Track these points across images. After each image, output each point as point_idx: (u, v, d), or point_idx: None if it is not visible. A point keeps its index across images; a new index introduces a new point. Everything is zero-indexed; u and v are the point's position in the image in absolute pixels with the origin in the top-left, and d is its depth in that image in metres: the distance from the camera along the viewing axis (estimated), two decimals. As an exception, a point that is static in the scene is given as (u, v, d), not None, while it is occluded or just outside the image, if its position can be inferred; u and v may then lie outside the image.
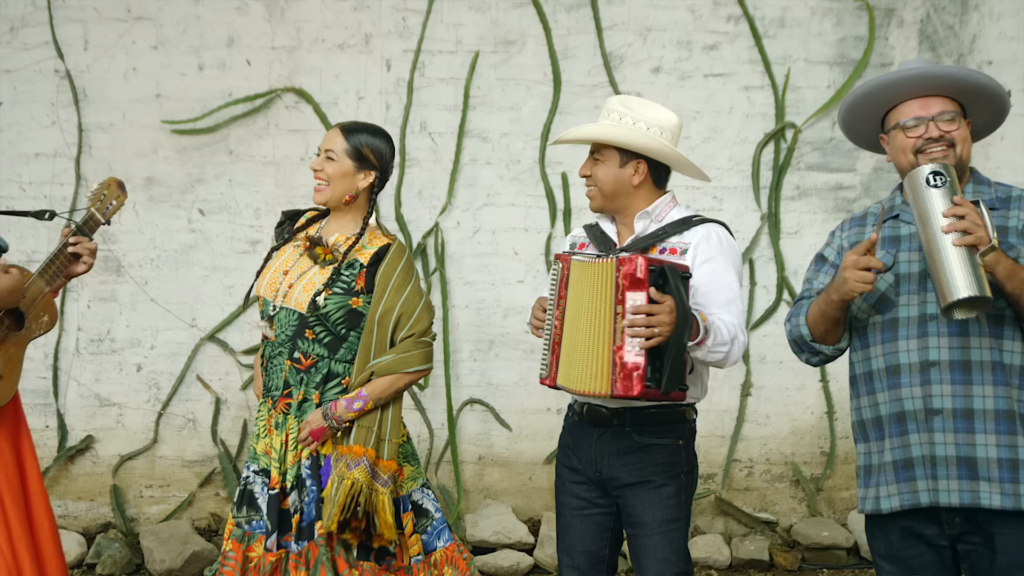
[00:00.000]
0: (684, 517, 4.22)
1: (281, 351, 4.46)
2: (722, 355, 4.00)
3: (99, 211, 4.56)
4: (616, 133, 4.20)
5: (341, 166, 4.47)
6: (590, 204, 4.34)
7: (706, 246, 4.14)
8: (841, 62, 7.36)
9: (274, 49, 7.14)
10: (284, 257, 4.58)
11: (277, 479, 4.41)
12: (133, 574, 6.75)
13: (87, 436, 7.12)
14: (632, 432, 4.16)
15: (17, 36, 7.02)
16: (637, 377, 3.83)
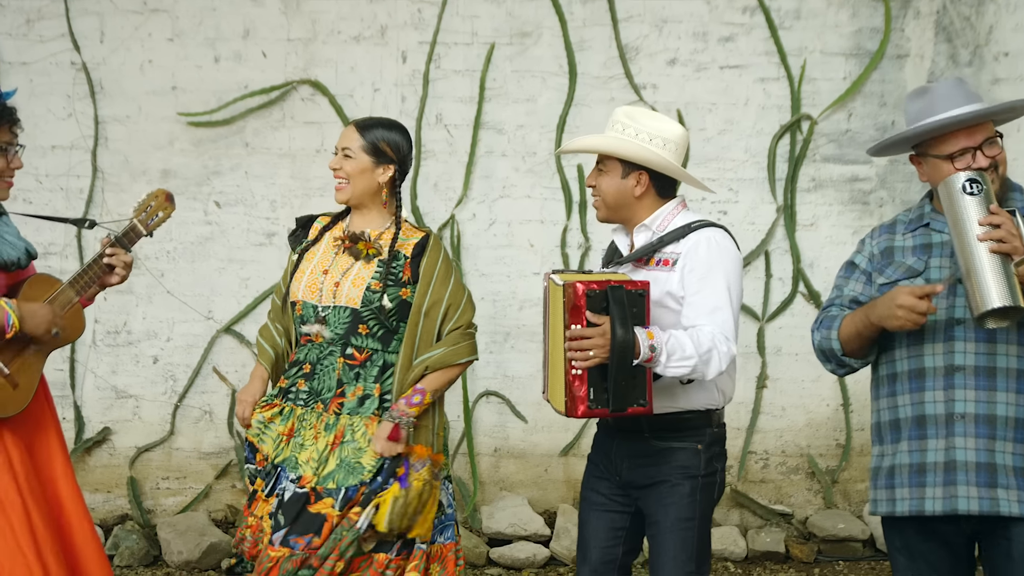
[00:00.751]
0: (699, 517, 4.20)
1: (332, 350, 4.46)
2: (687, 369, 3.94)
3: (142, 223, 4.52)
4: (614, 145, 4.21)
5: (359, 163, 4.49)
6: (596, 215, 4.37)
7: (693, 255, 4.13)
8: (857, 53, 7.35)
9: (290, 41, 7.15)
10: (318, 258, 4.56)
11: (311, 479, 4.37)
12: (151, 566, 6.77)
13: (104, 428, 7.14)
14: (650, 438, 4.18)
15: (33, 28, 7.03)
16: (579, 399, 3.88)
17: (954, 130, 3.79)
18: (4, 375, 4.20)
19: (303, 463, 4.40)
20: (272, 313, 4.75)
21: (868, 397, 7.16)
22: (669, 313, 4.11)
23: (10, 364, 4.22)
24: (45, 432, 4.48)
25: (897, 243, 3.96)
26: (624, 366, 3.85)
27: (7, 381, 4.21)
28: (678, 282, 4.11)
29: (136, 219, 4.52)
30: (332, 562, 4.30)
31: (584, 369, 3.85)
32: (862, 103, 7.39)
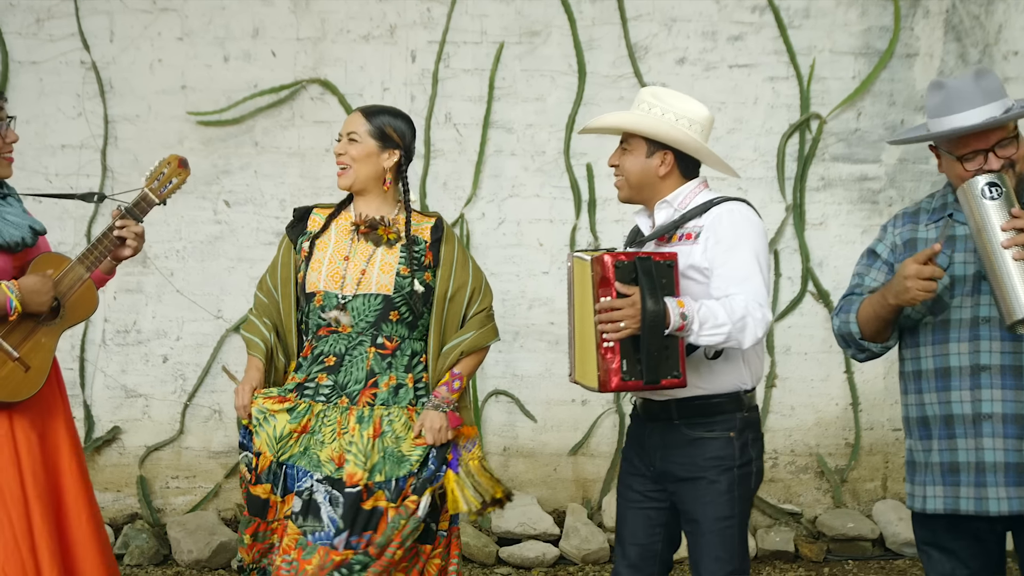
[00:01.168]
0: (738, 514, 4.15)
1: (362, 340, 4.43)
2: (722, 337, 3.90)
3: (154, 191, 4.47)
4: (642, 122, 4.19)
5: (365, 147, 4.47)
6: (618, 194, 4.33)
7: (717, 226, 4.08)
8: (866, 52, 7.35)
9: (299, 40, 7.15)
10: (332, 247, 4.51)
11: (361, 476, 4.32)
12: (160, 564, 6.77)
13: (113, 427, 7.14)
14: (681, 425, 4.13)
15: (43, 28, 7.03)
16: (613, 371, 3.88)
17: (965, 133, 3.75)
18: (14, 359, 4.17)
19: (325, 462, 4.34)
20: (256, 309, 4.64)
21: (877, 397, 7.28)
22: (695, 285, 4.06)
23: (20, 346, 4.18)
24: (54, 420, 4.40)
25: (920, 234, 3.91)
26: (656, 336, 3.83)
27: (18, 364, 4.18)
28: (701, 254, 4.07)
29: (147, 188, 4.47)
30: (393, 550, 4.31)
31: (616, 341, 3.84)
32: (871, 102, 7.39)
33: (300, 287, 4.51)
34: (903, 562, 6.95)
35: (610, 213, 7.28)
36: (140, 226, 4.45)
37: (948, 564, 3.91)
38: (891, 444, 7.48)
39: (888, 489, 7.50)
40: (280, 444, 4.37)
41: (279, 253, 4.62)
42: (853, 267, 7.11)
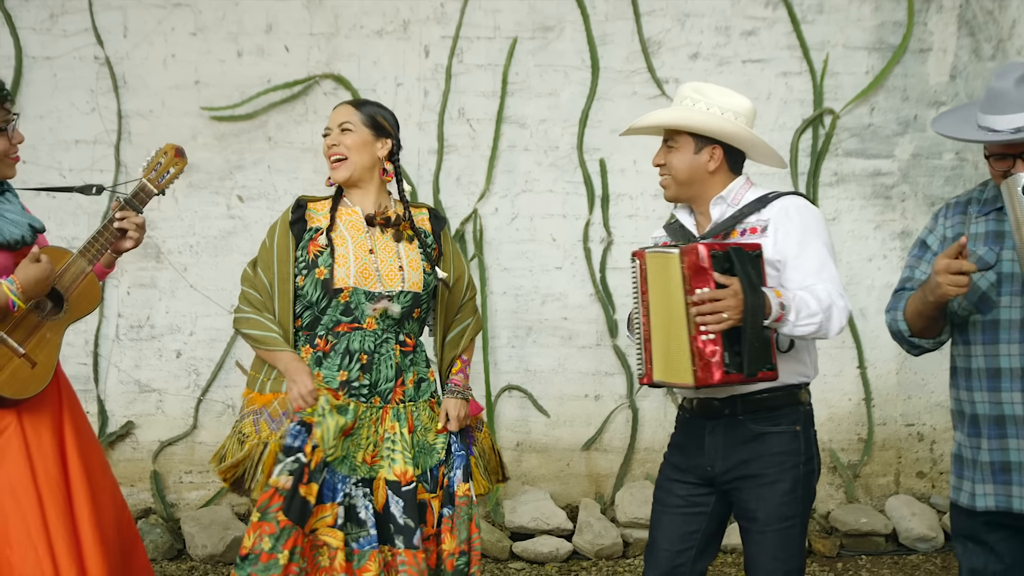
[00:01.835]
0: (800, 514, 4.12)
1: (388, 337, 4.40)
2: (815, 326, 3.87)
3: (152, 182, 4.42)
4: (691, 117, 4.15)
5: (360, 136, 4.45)
6: (665, 193, 4.27)
7: (785, 219, 4.06)
8: (880, 48, 7.34)
9: (312, 35, 7.14)
10: (352, 241, 4.43)
11: (412, 473, 4.34)
12: (175, 559, 6.78)
13: (127, 422, 7.15)
14: (746, 421, 4.08)
15: (57, 23, 7.03)
16: (715, 364, 3.81)
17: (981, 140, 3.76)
18: (20, 355, 4.14)
19: (360, 464, 4.31)
20: (253, 306, 4.45)
21: (890, 392, 7.29)
22: (768, 279, 3.98)
23: (26, 342, 4.15)
24: (60, 413, 4.41)
25: (970, 228, 3.88)
26: (757, 326, 3.79)
27: (25, 360, 4.15)
28: (772, 247, 4.01)
29: (146, 178, 4.42)
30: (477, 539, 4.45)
31: (717, 333, 3.80)
32: (884, 97, 7.38)
33: (319, 283, 4.37)
34: (916, 557, 6.94)
35: (623, 208, 7.29)
36: (141, 217, 4.40)
37: (983, 557, 3.90)
38: (904, 439, 7.48)
39: (901, 484, 7.50)
40: (335, 441, 4.25)
41: (275, 248, 4.47)
42: (864, 263, 7.19)
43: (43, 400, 4.27)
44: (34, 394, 4.20)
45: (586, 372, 7.34)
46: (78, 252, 4.29)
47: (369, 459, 4.31)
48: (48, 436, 4.26)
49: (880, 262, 7.41)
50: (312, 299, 4.39)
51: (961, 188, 7.41)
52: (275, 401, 4.34)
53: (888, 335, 7.21)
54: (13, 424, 4.17)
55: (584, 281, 7.27)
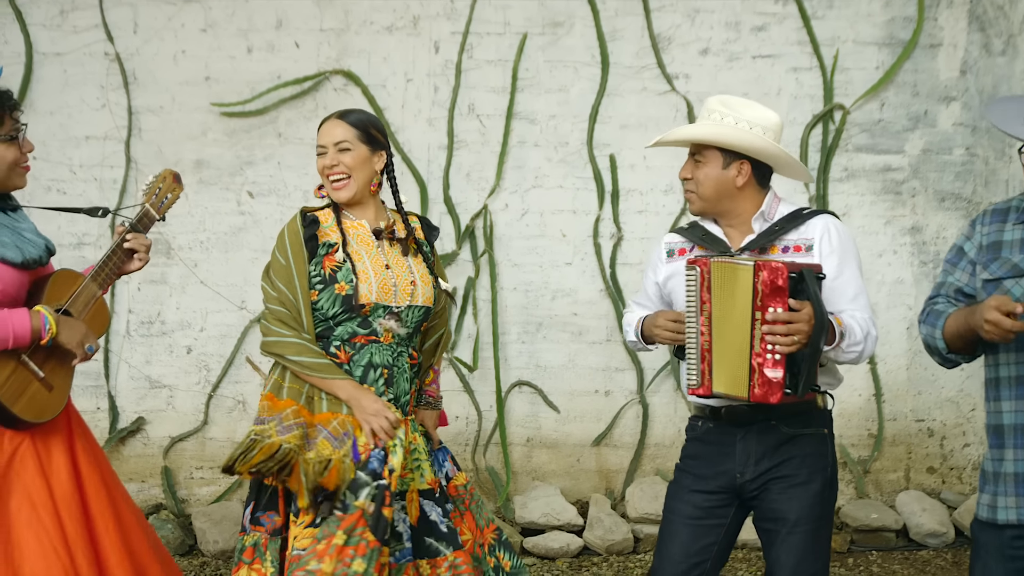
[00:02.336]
0: (828, 515, 4.17)
1: (401, 351, 4.37)
2: (855, 354, 3.99)
3: (153, 206, 4.45)
4: (721, 133, 4.11)
5: (358, 154, 4.36)
6: (690, 207, 4.25)
7: (828, 241, 4.08)
8: (890, 43, 7.33)
9: (322, 31, 7.15)
10: (367, 256, 4.37)
11: (435, 481, 4.40)
12: (186, 555, 6.79)
13: (138, 418, 7.16)
14: (779, 425, 4.09)
15: (67, 19, 7.03)
16: (776, 384, 3.84)
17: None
18: (39, 378, 4.13)
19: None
20: (286, 327, 4.29)
21: (900, 388, 7.30)
22: None
23: (43, 367, 4.14)
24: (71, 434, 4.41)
25: (1006, 236, 3.80)
26: (817, 349, 3.83)
27: (42, 384, 4.15)
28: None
29: (148, 204, 4.44)
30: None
31: (783, 355, 3.82)
32: (895, 92, 7.38)
33: (340, 298, 4.28)
34: (927, 553, 6.94)
35: (633, 204, 7.29)
36: (149, 239, 4.44)
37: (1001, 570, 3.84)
38: (914, 435, 7.48)
39: (911, 480, 7.50)
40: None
41: (293, 263, 4.34)
42: (874, 258, 7.18)
43: (53, 423, 4.26)
44: (51, 418, 4.20)
45: (596, 368, 7.34)
46: (90, 277, 4.29)
47: (400, 472, 4.27)
48: (60, 457, 4.25)
49: (890, 258, 7.41)
50: (329, 313, 4.31)
51: (971, 184, 7.41)
52: (334, 421, 4.23)
53: (898, 331, 7.34)
54: (27, 441, 4.17)
55: (594, 277, 7.27)
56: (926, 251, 7.43)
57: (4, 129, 4.13)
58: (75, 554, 4.13)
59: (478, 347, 7.23)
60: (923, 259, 7.42)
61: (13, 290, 4.13)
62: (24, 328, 4.02)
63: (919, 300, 7.38)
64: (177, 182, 4.55)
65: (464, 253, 7.21)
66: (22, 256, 4.15)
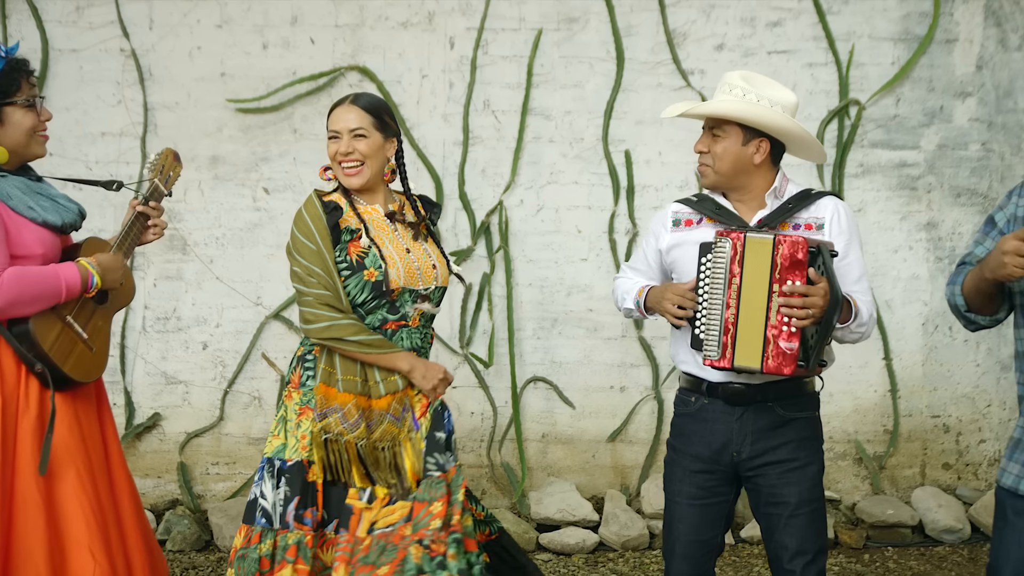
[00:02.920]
0: (822, 495, 4.26)
1: (427, 332, 4.50)
2: (860, 335, 4.09)
3: (161, 182, 4.60)
4: (748, 110, 4.13)
5: (373, 141, 4.40)
6: (703, 180, 4.28)
7: (838, 221, 4.14)
8: (906, 38, 7.32)
9: (338, 27, 7.14)
10: (389, 241, 4.42)
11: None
12: (203, 550, 6.79)
13: (154, 414, 7.17)
14: (776, 406, 4.14)
15: (83, 15, 7.03)
16: (791, 357, 3.88)
17: None
18: (83, 340, 4.26)
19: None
20: (335, 310, 4.30)
21: (916, 383, 7.29)
22: None
23: (85, 328, 4.28)
24: (102, 406, 4.53)
25: None
26: (830, 325, 3.91)
27: (86, 345, 4.27)
28: None
29: (156, 179, 4.59)
30: None
31: (799, 328, 3.86)
32: (910, 88, 7.36)
33: (369, 284, 4.32)
34: (943, 549, 6.93)
35: (648, 200, 7.27)
36: (162, 208, 4.62)
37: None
38: (930, 431, 7.47)
39: (927, 476, 7.49)
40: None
41: (323, 248, 4.34)
42: (890, 254, 7.17)
43: (90, 392, 4.43)
44: (96, 378, 4.38)
45: (611, 364, 7.33)
46: (115, 245, 4.43)
47: None
48: (94, 423, 4.43)
49: (906, 253, 7.40)
50: (357, 300, 4.35)
51: (987, 179, 7.39)
52: (394, 401, 4.35)
53: (913, 327, 7.32)
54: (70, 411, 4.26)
55: (609, 272, 7.26)
56: (942, 247, 7.41)
57: (22, 94, 4.22)
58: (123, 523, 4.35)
59: (493, 343, 7.22)
60: (939, 255, 7.40)
61: (52, 254, 4.25)
62: (74, 278, 4.16)
63: (935, 296, 7.37)
64: (177, 161, 4.74)
65: (479, 249, 7.21)
66: (61, 219, 4.28)
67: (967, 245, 4.10)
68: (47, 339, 4.12)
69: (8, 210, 4.11)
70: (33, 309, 4.08)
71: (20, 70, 4.23)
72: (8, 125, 4.19)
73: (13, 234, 4.10)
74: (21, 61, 4.25)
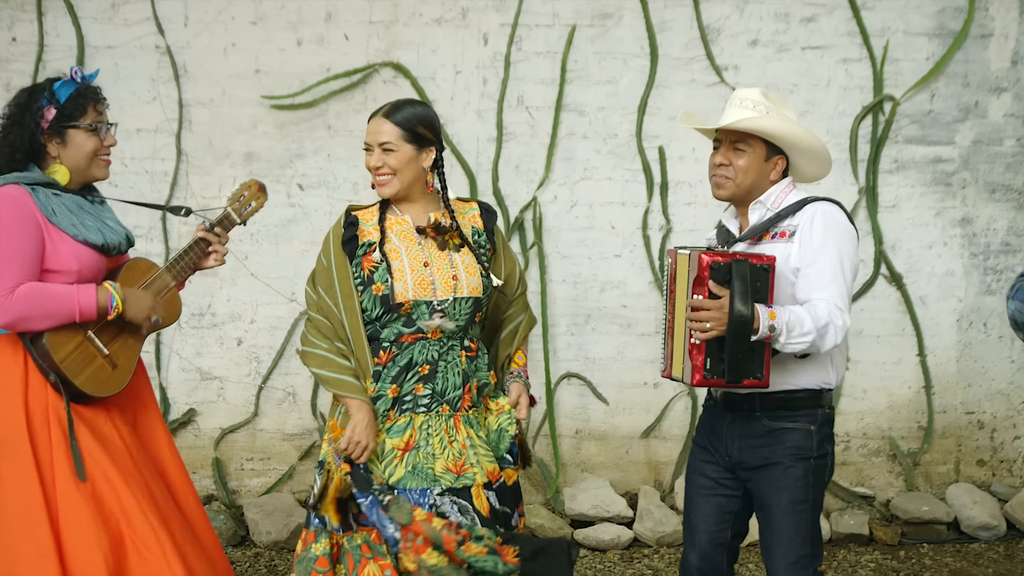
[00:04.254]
0: (812, 500, 4.23)
1: (453, 344, 4.34)
2: (805, 345, 3.99)
3: (236, 211, 4.70)
4: (797, 132, 4.20)
5: (402, 154, 4.31)
6: (718, 192, 4.32)
7: (808, 229, 4.14)
8: (940, 33, 7.29)
9: (372, 24, 7.15)
10: (406, 253, 4.34)
11: (495, 471, 4.35)
12: (239, 545, 6.81)
13: (189, 409, 7.20)
14: (763, 416, 4.21)
15: (118, 12, 7.06)
16: (696, 368, 4.00)
17: None
18: (104, 355, 4.31)
19: (441, 474, 4.24)
20: (323, 337, 4.34)
21: (950, 380, 7.27)
22: (787, 284, 4.13)
23: (109, 345, 4.34)
24: (148, 412, 4.60)
25: None
26: (741, 340, 3.92)
27: (106, 361, 4.32)
28: (797, 254, 4.12)
29: (230, 208, 4.71)
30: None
31: (702, 341, 3.94)
32: (945, 83, 7.33)
33: (378, 299, 4.30)
34: (979, 546, 6.92)
35: (682, 196, 7.27)
36: (227, 237, 4.72)
37: None
38: (964, 427, 7.45)
39: (961, 472, 7.47)
40: (384, 464, 4.26)
41: (334, 268, 4.37)
42: (924, 250, 7.14)
43: (130, 398, 4.52)
44: (112, 394, 4.39)
45: (645, 360, 7.33)
46: (165, 267, 4.55)
47: (456, 469, 4.25)
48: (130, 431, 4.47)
49: (940, 249, 7.37)
50: (373, 315, 4.32)
51: (1022, 175, 7.37)
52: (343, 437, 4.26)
53: (948, 323, 7.32)
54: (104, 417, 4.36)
55: (643, 269, 7.26)
56: (976, 243, 7.39)
57: (87, 118, 4.39)
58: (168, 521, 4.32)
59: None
60: (973, 251, 7.38)
61: (90, 273, 4.32)
62: (90, 303, 4.22)
63: (969, 292, 7.36)
64: (262, 191, 4.82)
65: (513, 245, 7.20)
66: (103, 239, 4.36)
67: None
68: (61, 351, 4.20)
69: (50, 225, 4.23)
70: (45, 326, 4.17)
71: (88, 96, 4.39)
72: (70, 147, 4.36)
73: (50, 249, 4.22)
74: (92, 88, 4.43)
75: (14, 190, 4.19)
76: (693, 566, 4.43)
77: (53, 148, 4.33)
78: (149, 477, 4.39)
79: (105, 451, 4.25)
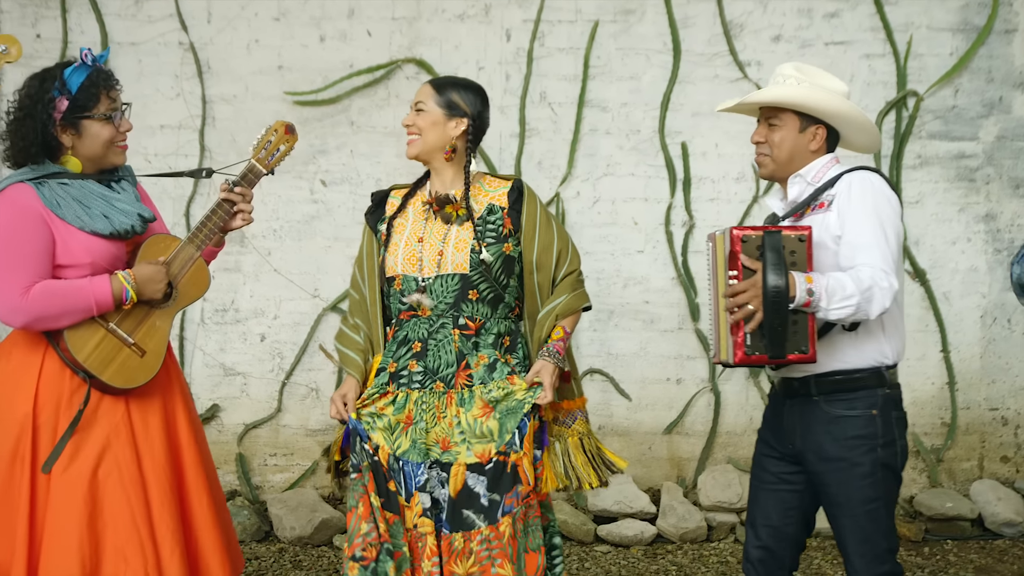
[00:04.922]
0: (883, 494, 4.09)
1: (444, 323, 4.30)
2: (851, 308, 3.83)
3: (261, 161, 4.45)
4: (804, 94, 4.13)
5: (431, 115, 4.36)
6: (761, 171, 4.29)
7: (846, 196, 4.04)
8: (964, 29, 7.27)
9: (394, 20, 7.16)
10: (409, 228, 4.40)
11: (491, 449, 4.22)
12: (263, 541, 6.83)
13: (213, 405, 7.21)
14: (820, 402, 4.08)
15: (142, 9, 7.08)
16: (737, 344, 3.91)
17: None
18: (129, 345, 4.21)
19: (431, 445, 4.23)
20: (351, 313, 4.55)
21: (974, 376, 7.25)
22: (830, 254, 4.02)
23: (135, 331, 4.21)
24: (172, 401, 4.45)
25: None
26: (779, 312, 3.83)
27: (133, 350, 4.22)
28: (836, 222, 4.03)
29: (254, 159, 4.45)
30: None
31: (740, 318, 3.87)
32: (969, 79, 7.32)
33: (380, 272, 4.43)
34: (1003, 542, 6.90)
35: (705, 192, 7.27)
36: (251, 191, 4.46)
37: None
38: (987, 424, 7.43)
39: (984, 469, 7.45)
40: (393, 436, 4.26)
41: (363, 242, 4.54)
42: (948, 246, 7.13)
43: (154, 385, 4.33)
44: (143, 383, 4.26)
45: (668, 356, 7.33)
46: (187, 238, 4.34)
47: (442, 442, 4.25)
48: (156, 423, 4.32)
49: (964, 245, 7.36)
50: (387, 290, 4.45)
51: (1046, 170, 7.37)
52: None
53: (971, 319, 7.31)
54: (121, 411, 4.24)
55: (666, 265, 7.26)
56: (1000, 239, 7.37)
57: (100, 107, 4.24)
58: (157, 527, 4.20)
59: (550, 335, 7.22)
60: (997, 247, 7.36)
61: (106, 262, 4.20)
62: (105, 293, 4.12)
63: (993, 288, 7.34)
64: (290, 133, 4.51)
65: (536, 241, 7.20)
66: (110, 227, 4.20)
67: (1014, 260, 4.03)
68: (84, 348, 4.13)
69: (56, 218, 4.12)
70: (63, 323, 4.10)
71: (100, 84, 4.25)
72: (86, 137, 4.23)
73: (60, 244, 4.12)
74: (103, 73, 4.28)
75: (17, 191, 4.10)
76: (755, 559, 4.35)
77: (67, 139, 4.20)
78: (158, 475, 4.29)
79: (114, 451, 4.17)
